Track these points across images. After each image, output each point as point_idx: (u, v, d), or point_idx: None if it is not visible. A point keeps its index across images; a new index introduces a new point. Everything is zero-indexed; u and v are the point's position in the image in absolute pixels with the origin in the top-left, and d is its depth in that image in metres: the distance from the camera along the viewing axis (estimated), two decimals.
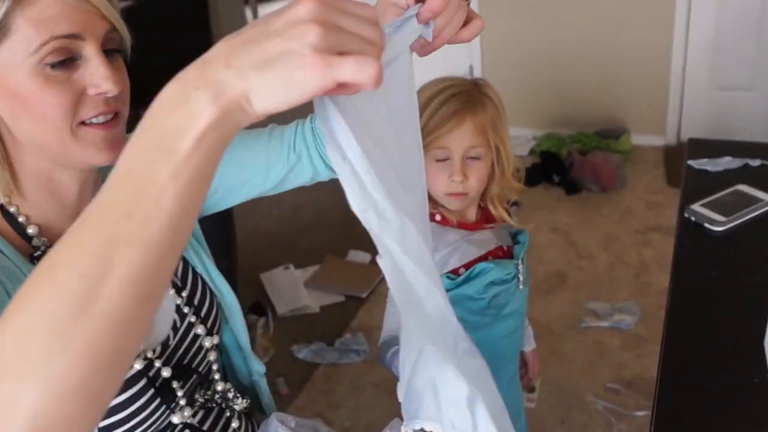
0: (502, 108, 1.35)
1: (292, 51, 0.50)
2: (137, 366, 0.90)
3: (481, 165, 1.33)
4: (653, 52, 4.11)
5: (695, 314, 1.19)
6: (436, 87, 1.33)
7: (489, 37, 4.45)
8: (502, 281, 1.37)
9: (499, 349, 1.46)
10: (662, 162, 4.13)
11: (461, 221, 1.39)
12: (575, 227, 3.57)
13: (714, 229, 1.39)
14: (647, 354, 2.68)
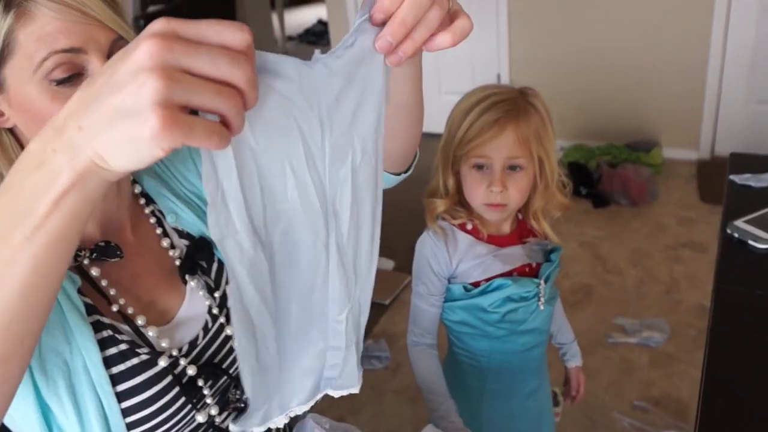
0: (548, 119, 1.31)
1: (133, 109, 0.45)
2: (162, 363, 0.89)
3: (523, 176, 1.30)
4: (688, 64, 4.03)
5: (738, 334, 1.14)
6: (479, 94, 1.30)
7: (518, 45, 4.41)
8: (521, 298, 1.35)
9: (517, 363, 1.44)
10: (695, 176, 4.05)
11: (492, 234, 1.37)
12: (603, 241, 3.51)
13: (758, 247, 1.33)
14: (677, 373, 2.61)
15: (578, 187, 3.90)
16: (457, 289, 1.37)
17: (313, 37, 8.19)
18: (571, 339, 1.65)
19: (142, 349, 0.87)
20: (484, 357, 1.44)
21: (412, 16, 0.58)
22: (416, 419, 2.42)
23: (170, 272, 0.98)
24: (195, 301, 0.98)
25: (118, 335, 0.86)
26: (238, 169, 0.57)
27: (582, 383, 1.67)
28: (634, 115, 4.25)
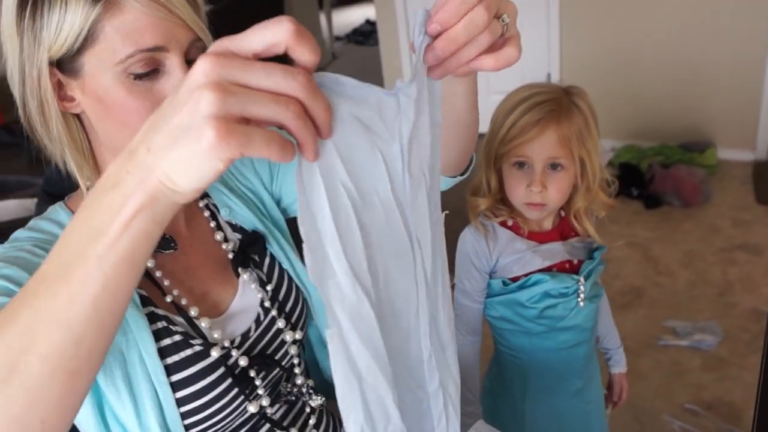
0: (592, 119, 1.31)
1: (191, 125, 0.47)
2: (214, 354, 0.89)
3: (563, 176, 1.30)
4: (745, 63, 3.92)
5: None
6: (523, 93, 1.31)
7: (569, 44, 4.36)
8: (560, 294, 1.35)
9: (558, 361, 1.44)
10: (751, 178, 3.93)
11: (533, 230, 1.38)
12: (654, 242, 3.43)
13: None
14: (729, 377, 2.54)
15: (629, 188, 3.83)
16: (497, 284, 1.38)
17: (360, 37, 8.20)
18: (617, 345, 1.64)
19: (196, 341, 0.88)
20: (525, 354, 1.45)
21: (465, 35, 0.59)
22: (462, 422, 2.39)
23: (223, 265, 0.99)
24: (247, 293, 0.99)
25: (172, 326, 0.87)
26: (331, 204, 0.56)
27: (625, 390, 1.66)
28: (688, 115, 4.15)
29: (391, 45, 4.96)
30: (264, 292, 1.00)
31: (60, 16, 0.74)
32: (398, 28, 4.85)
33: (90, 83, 0.79)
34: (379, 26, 5.00)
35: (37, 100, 0.80)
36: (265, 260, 1.04)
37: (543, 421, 1.48)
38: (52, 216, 0.88)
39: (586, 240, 1.42)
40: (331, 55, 7.42)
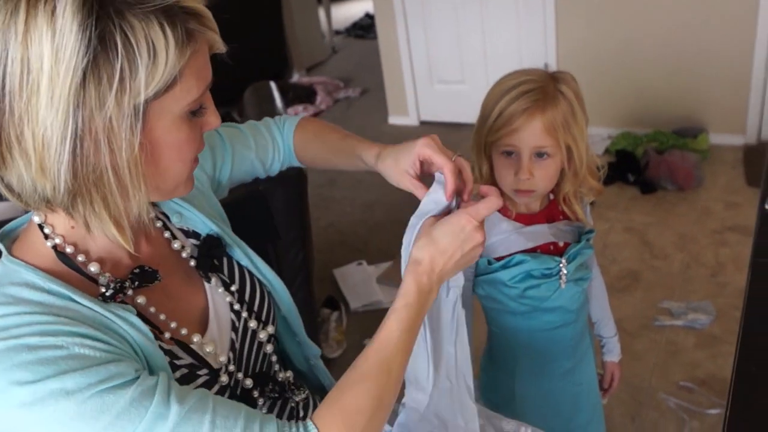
0: (579, 105, 1.32)
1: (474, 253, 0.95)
2: (224, 380, 0.92)
3: (550, 163, 1.32)
4: (734, 50, 4.02)
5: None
6: (509, 81, 1.31)
7: (565, 34, 4.44)
8: (542, 275, 1.38)
9: (545, 341, 1.47)
10: (741, 162, 4.04)
11: (520, 213, 1.41)
12: (650, 227, 3.53)
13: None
14: (722, 354, 2.64)
15: (626, 173, 3.92)
16: (482, 263, 1.41)
17: (360, 30, 8.21)
18: (611, 334, 1.67)
19: (202, 371, 0.90)
20: (512, 333, 1.48)
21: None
22: None
23: (187, 274, 0.99)
24: (217, 299, 0.99)
25: (176, 360, 0.87)
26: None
27: (617, 379, 1.69)
28: (681, 101, 4.25)
29: (390, 38, 5.02)
30: (230, 294, 1.00)
31: (145, 61, 0.71)
32: (396, 21, 4.90)
33: (154, 130, 0.77)
34: (378, 20, 5.06)
35: (92, 153, 0.73)
36: (224, 262, 1.04)
37: (533, 401, 1.52)
38: (14, 278, 0.79)
39: (573, 224, 1.44)
40: (331, 50, 7.43)
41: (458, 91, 4.99)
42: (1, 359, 0.71)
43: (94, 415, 0.71)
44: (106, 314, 0.80)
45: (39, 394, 0.70)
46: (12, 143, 0.72)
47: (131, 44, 0.70)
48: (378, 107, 5.56)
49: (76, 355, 0.73)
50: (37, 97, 0.69)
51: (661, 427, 2.36)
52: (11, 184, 0.77)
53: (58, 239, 0.83)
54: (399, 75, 5.13)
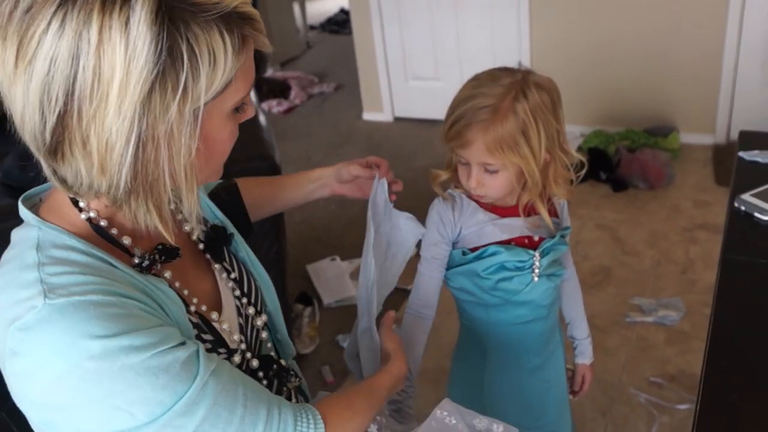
0: (532, 122, 1.26)
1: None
2: (236, 360, 0.96)
3: (500, 176, 1.31)
4: (705, 50, 4.08)
5: (742, 300, 1.21)
6: (468, 91, 1.29)
7: (538, 33, 4.47)
8: (515, 268, 1.38)
9: (514, 336, 1.48)
10: (711, 161, 4.10)
11: (496, 205, 1.40)
12: (621, 224, 3.57)
13: (763, 219, 1.40)
14: (691, 350, 2.68)
15: (598, 171, 3.95)
16: (457, 254, 1.41)
17: (335, 26, 8.18)
18: (584, 336, 1.66)
19: (221, 348, 0.94)
20: (483, 326, 1.49)
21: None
22: (438, 400, 2.50)
23: (196, 256, 1.03)
24: (222, 284, 1.03)
25: (202, 334, 0.92)
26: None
27: (587, 381, 1.69)
28: (653, 101, 4.30)
29: (365, 34, 5.01)
30: (233, 282, 1.04)
31: (207, 69, 0.74)
32: (371, 17, 4.90)
33: (204, 127, 0.79)
34: (353, 15, 5.05)
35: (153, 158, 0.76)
36: (224, 251, 1.07)
37: (501, 395, 1.52)
38: (57, 241, 0.81)
39: (552, 219, 1.42)
40: (305, 45, 7.39)
41: (433, 88, 4.99)
42: (70, 313, 0.73)
43: (155, 373, 0.75)
44: (145, 283, 0.84)
45: (110, 348, 0.73)
46: (75, 144, 0.74)
47: (195, 54, 0.73)
48: (352, 103, 5.54)
49: (135, 315, 0.77)
50: (105, 104, 0.71)
51: (631, 423, 2.39)
52: (65, 177, 0.79)
53: (92, 213, 0.85)
54: (374, 71, 5.13)
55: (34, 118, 0.73)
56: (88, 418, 0.74)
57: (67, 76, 0.70)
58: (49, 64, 0.70)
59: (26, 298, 0.74)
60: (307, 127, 5.24)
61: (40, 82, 0.71)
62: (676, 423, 2.36)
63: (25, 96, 0.72)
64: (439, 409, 1.18)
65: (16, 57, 0.71)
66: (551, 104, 1.29)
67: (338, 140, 5.02)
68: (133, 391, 0.74)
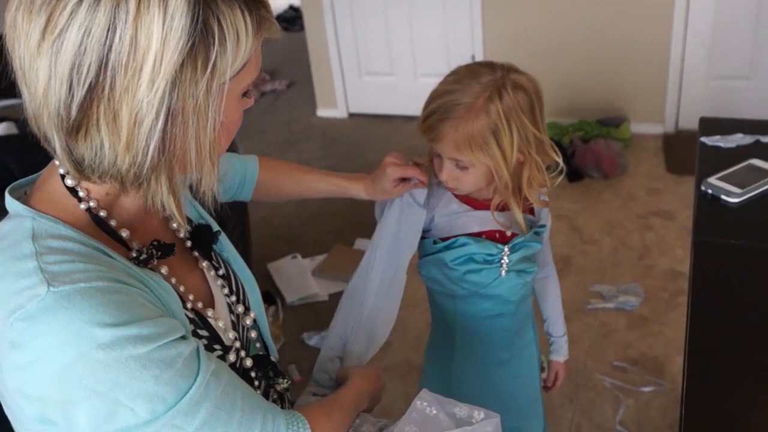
0: (504, 123, 1.25)
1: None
2: (231, 358, 0.95)
3: (471, 172, 1.31)
4: (653, 43, 4.18)
5: (717, 280, 1.25)
6: (446, 86, 1.30)
7: (491, 26, 4.51)
8: (484, 261, 1.38)
9: (482, 329, 1.49)
10: (661, 149, 4.20)
11: (471, 196, 1.40)
12: (578, 213, 3.63)
13: (730, 201, 1.44)
14: (652, 334, 2.75)
15: None
16: (428, 243, 1.42)
17: (284, 23, 8.08)
18: (560, 333, 1.68)
19: (217, 345, 0.93)
20: (450, 317, 1.49)
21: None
22: (409, 394, 2.49)
23: (184, 254, 1.01)
24: (212, 281, 1.02)
25: (199, 330, 0.91)
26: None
27: (560, 378, 1.71)
28: (604, 92, 4.39)
29: (318, 30, 4.98)
30: (221, 279, 1.04)
31: (232, 46, 0.75)
32: (324, 12, 4.87)
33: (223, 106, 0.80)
34: (304, 11, 5.02)
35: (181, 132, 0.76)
36: (211, 248, 1.07)
37: (469, 388, 1.52)
38: (53, 232, 0.79)
39: (525, 216, 1.42)
40: None
41: (387, 83, 5.00)
42: (77, 300, 0.72)
43: (160, 367, 0.74)
44: (143, 275, 0.83)
45: (118, 337, 0.72)
46: (103, 118, 0.73)
47: (223, 30, 0.74)
48: (306, 100, 5.51)
49: (141, 304, 0.77)
50: (139, 77, 0.71)
51: (598, 407, 2.44)
52: (82, 157, 0.77)
53: (92, 203, 0.84)
54: (327, 67, 5.10)
55: (60, 92, 0.72)
56: (88, 413, 0.72)
57: (102, 46, 0.70)
58: (83, 35, 0.69)
59: (27, 287, 0.72)
60: (260, 125, 5.19)
61: (72, 53, 0.70)
62: (641, 405, 2.42)
63: (51, 70, 0.71)
64: (418, 400, 1.18)
65: (43, 31, 0.70)
66: (528, 106, 1.28)
67: (293, 137, 4.99)
68: (137, 384, 0.72)
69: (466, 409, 1.24)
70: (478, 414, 1.24)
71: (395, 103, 4.97)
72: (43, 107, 0.74)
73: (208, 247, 1.04)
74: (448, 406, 1.24)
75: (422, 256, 1.46)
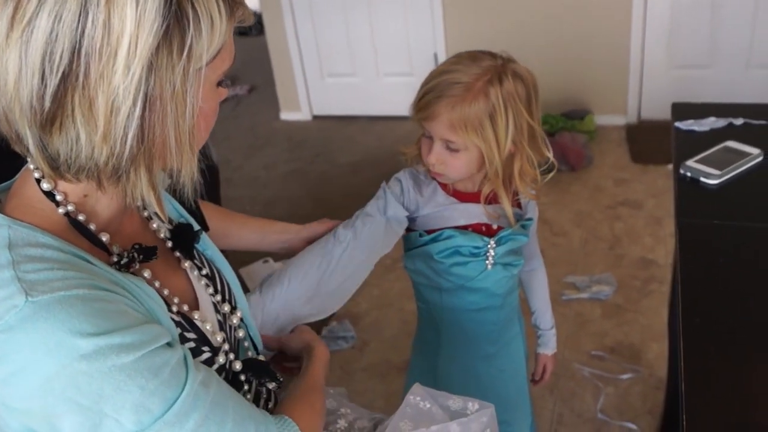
0: (502, 110, 1.25)
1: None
2: (220, 360, 0.93)
3: (461, 156, 1.29)
4: (613, 35, 4.23)
5: (704, 260, 1.26)
6: (443, 67, 1.29)
7: (452, 23, 4.53)
8: (470, 254, 1.38)
9: (468, 322, 1.48)
10: (625, 140, 4.26)
11: (458, 189, 1.39)
12: (547, 206, 3.65)
13: (709, 183, 1.46)
14: (627, 322, 2.78)
15: None
16: (414, 236, 1.40)
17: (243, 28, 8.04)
18: (548, 327, 1.68)
19: (205, 347, 0.90)
20: (437, 310, 1.49)
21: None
22: (387, 393, 2.50)
23: (165, 255, 0.98)
24: (195, 282, 0.99)
25: (186, 333, 0.88)
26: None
27: (548, 371, 1.70)
28: (568, 85, 4.43)
29: (278, 33, 4.95)
30: (205, 278, 1.01)
31: (207, 29, 0.73)
32: (284, 15, 4.84)
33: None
34: (265, 15, 4.97)
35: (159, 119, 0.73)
36: (193, 248, 1.04)
37: (455, 380, 1.52)
38: (31, 240, 0.76)
39: (513, 209, 1.40)
40: None
41: (349, 84, 4.98)
42: (56, 310, 0.68)
43: (146, 376, 0.71)
44: (125, 281, 0.80)
45: (101, 347, 0.69)
46: (78, 107, 0.70)
47: (197, 13, 0.72)
48: (268, 104, 5.47)
49: (124, 311, 0.74)
50: (114, 62, 0.68)
51: (578, 396, 2.45)
52: (57, 151, 0.74)
53: (70, 206, 0.81)
54: (289, 70, 5.07)
55: (32, 83, 0.69)
56: (73, 425, 0.70)
57: (74, 31, 0.67)
58: (54, 21, 0.67)
59: (4, 297, 0.68)
60: (224, 131, 5.13)
61: (43, 41, 0.67)
62: (621, 392, 2.44)
63: (21, 60, 0.68)
64: (411, 395, 1.17)
65: (11, 19, 0.68)
66: (526, 96, 1.28)
67: (258, 142, 4.94)
68: (122, 395, 0.70)
69: (460, 401, 1.23)
70: (472, 405, 1.23)
71: (359, 103, 4.96)
72: (15, 101, 0.70)
73: (190, 246, 1.01)
74: (441, 399, 1.23)
75: (408, 250, 1.45)
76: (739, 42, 4.11)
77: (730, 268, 1.23)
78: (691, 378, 1.00)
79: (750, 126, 1.69)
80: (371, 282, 3.17)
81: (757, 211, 1.37)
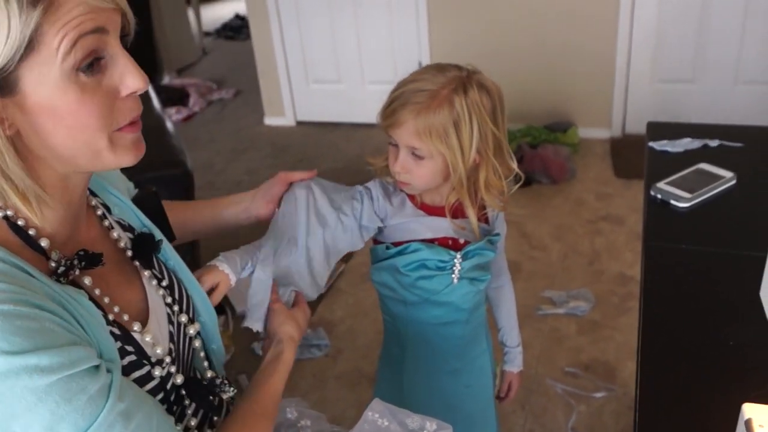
0: (467, 118, 1.25)
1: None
2: (156, 374, 0.90)
3: (426, 164, 1.29)
4: (598, 48, 4.23)
5: (669, 285, 1.24)
6: (412, 76, 1.29)
7: (437, 32, 4.51)
8: (437, 267, 1.37)
9: (433, 336, 1.48)
10: (609, 154, 4.24)
11: (425, 202, 1.39)
12: (527, 219, 3.64)
13: (679, 206, 1.44)
14: (603, 339, 2.75)
15: None
16: (381, 249, 1.40)
17: (231, 32, 8.04)
18: (514, 344, 1.68)
19: (145, 360, 0.89)
20: (402, 323, 1.48)
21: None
22: (359, 402, 2.47)
23: (123, 265, 0.98)
24: (152, 291, 0.99)
25: (126, 346, 0.87)
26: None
27: (514, 389, 1.70)
28: (552, 97, 4.42)
29: (264, 38, 4.93)
30: (163, 289, 1.01)
31: None
32: (270, 21, 4.82)
33: (32, 97, 0.74)
34: (250, 19, 4.96)
35: None
36: (153, 258, 1.04)
37: (420, 395, 1.51)
38: None
39: (479, 224, 1.40)
40: (201, 51, 7.24)
41: (334, 91, 4.97)
42: None
43: (57, 402, 0.70)
44: (62, 294, 0.78)
45: (14, 367, 0.68)
46: None
47: None
48: (253, 108, 5.45)
49: (47, 330, 0.72)
50: None
51: (550, 413, 2.42)
52: None
53: (9, 211, 0.80)
54: (274, 75, 5.05)
55: None
56: None
57: None
58: None
59: None
60: (208, 134, 5.11)
61: None
62: (593, 411, 2.41)
63: None
64: (370, 410, 1.16)
65: None
66: (491, 107, 1.29)
67: (241, 146, 4.91)
68: (32, 416, 0.68)
69: (418, 419, 1.22)
70: (430, 425, 1.22)
71: (343, 110, 4.94)
72: None
73: (149, 256, 1.01)
74: (400, 416, 1.22)
75: (374, 262, 1.44)
76: (726, 57, 4.12)
77: (695, 294, 1.21)
78: (645, 407, 0.98)
79: (725, 148, 1.67)
80: (346, 290, 3.15)
81: (725, 237, 1.35)
